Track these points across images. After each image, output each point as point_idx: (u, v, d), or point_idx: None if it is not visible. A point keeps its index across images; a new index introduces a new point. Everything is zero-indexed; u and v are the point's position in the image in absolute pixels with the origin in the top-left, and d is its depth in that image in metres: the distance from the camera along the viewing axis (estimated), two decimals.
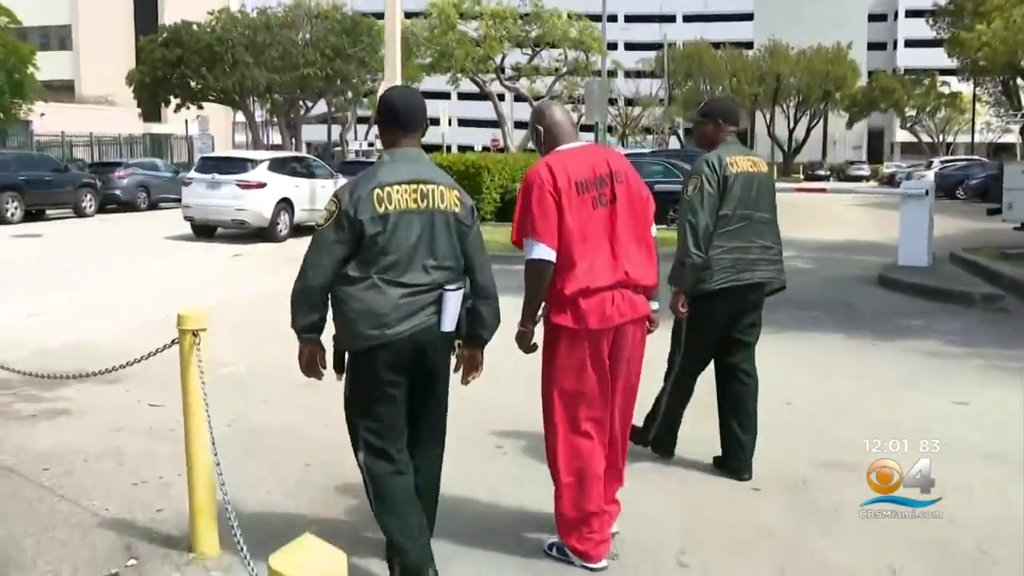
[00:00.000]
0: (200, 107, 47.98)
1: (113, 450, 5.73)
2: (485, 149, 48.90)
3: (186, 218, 20.07)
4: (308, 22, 47.24)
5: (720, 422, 5.38)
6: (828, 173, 73.03)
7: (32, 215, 25.13)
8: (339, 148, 52.97)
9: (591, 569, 4.12)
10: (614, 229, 4.08)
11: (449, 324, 3.78)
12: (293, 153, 31.10)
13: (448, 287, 3.75)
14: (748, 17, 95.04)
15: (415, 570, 3.76)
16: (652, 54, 74.68)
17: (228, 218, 19.56)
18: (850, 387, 7.32)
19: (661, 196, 19.85)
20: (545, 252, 3.96)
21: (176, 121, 51.06)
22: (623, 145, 60.58)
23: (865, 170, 71.40)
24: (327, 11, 47.24)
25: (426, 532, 3.87)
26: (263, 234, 19.52)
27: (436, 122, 38.38)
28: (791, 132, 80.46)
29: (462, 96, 59.23)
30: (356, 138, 56.67)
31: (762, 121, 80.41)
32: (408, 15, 39.10)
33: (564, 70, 41.88)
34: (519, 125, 51.11)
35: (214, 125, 55.80)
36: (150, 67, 45.27)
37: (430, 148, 31.39)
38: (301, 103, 50.65)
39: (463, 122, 72.15)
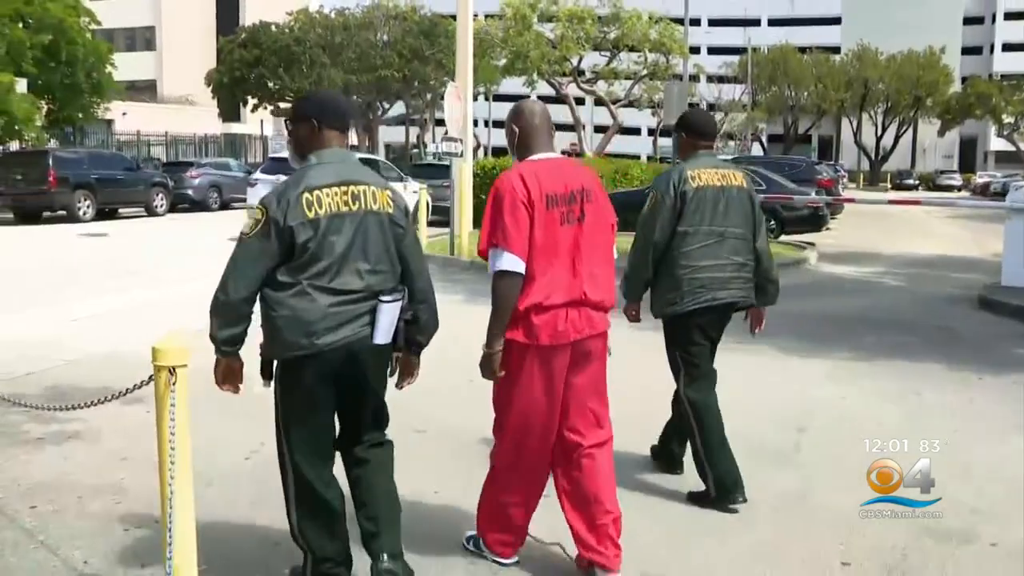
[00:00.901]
0: (277, 107, 48.13)
1: (114, 485, 5.18)
2: (564, 153, 48.01)
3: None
4: (386, 23, 47.00)
5: (664, 433, 5.53)
6: (917, 182, 70.98)
7: (104, 214, 25.22)
8: (417, 150, 52.79)
9: (502, 564, 4.20)
10: (579, 248, 3.98)
11: (382, 337, 3.69)
12: (368, 156, 30.79)
13: (383, 298, 3.66)
14: (836, 21, 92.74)
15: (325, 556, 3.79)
16: (735, 58, 73.29)
17: None
18: (952, 429, 6.31)
19: None
20: (515, 263, 3.85)
21: (254, 121, 51.34)
22: None
23: (957, 180, 69.27)
24: (405, 12, 46.95)
25: (348, 543, 3.87)
26: None
27: None
28: (879, 140, 78.39)
29: (540, 99, 58.37)
30: (434, 141, 56.21)
31: (848, 128, 78.44)
32: (485, 16, 38.58)
33: (643, 73, 40.85)
34: (598, 130, 50.38)
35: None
36: (228, 67, 45.54)
37: (505, 151, 30.82)
38: (378, 104, 50.46)
39: None
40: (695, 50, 53.51)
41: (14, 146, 30.04)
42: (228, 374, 3.70)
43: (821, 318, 10.74)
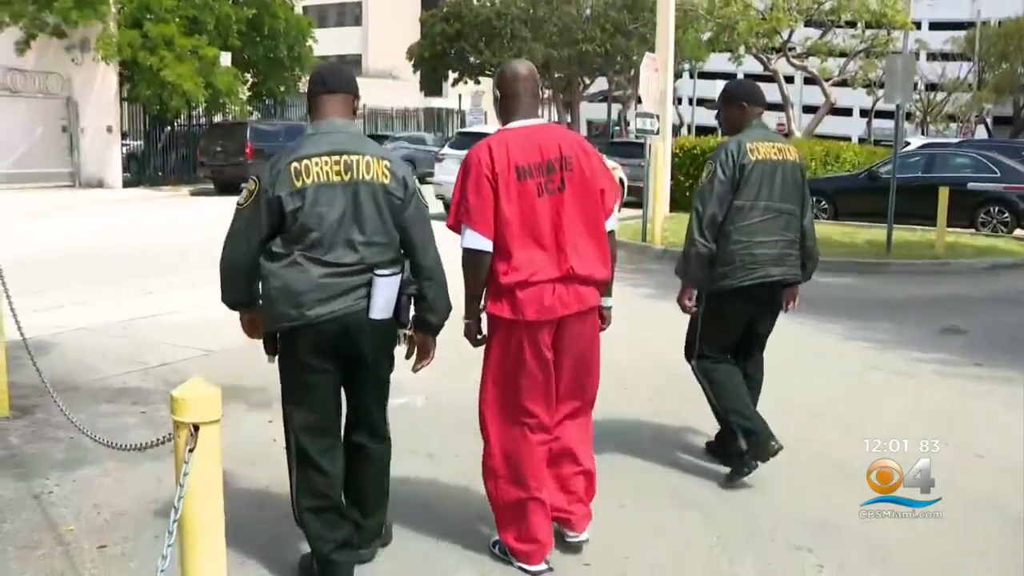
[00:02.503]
0: (477, 82, 47.90)
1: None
2: None
3: (437, 196, 18.80)
4: None
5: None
6: None
7: None
8: (618, 127, 51.80)
9: (527, 571, 3.96)
10: (560, 219, 3.84)
11: (379, 312, 3.60)
12: None
13: (379, 271, 3.58)
14: None
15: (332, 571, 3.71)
16: (961, 33, 68.16)
17: None
18: None
19: (973, 196, 16.95)
20: (478, 240, 3.77)
21: (455, 96, 51.26)
22: (922, 133, 55.34)
23: None
24: None
25: (351, 534, 3.80)
26: None
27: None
28: None
29: (746, 77, 56.34)
30: (637, 118, 54.81)
31: None
32: None
33: (860, 48, 38.02)
34: (806, 109, 47.74)
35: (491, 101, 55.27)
36: (430, 42, 45.55)
37: (710, 130, 29.22)
38: (579, 80, 49.50)
39: None
40: (916, 25, 49.74)
41: (218, 119, 30.68)
42: (250, 326, 3.81)
43: None
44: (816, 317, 9.61)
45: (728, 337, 5.11)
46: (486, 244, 3.76)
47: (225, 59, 26.91)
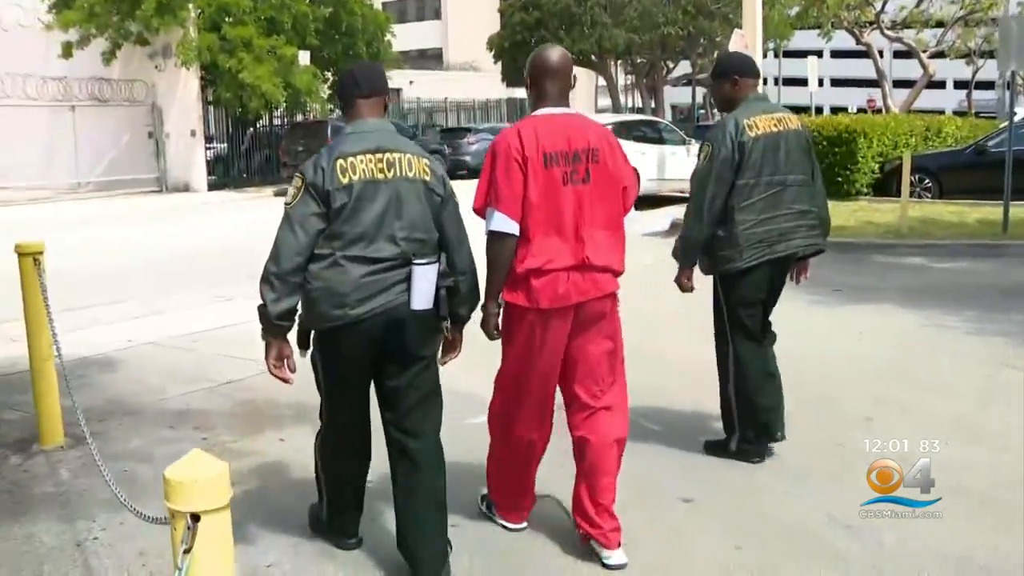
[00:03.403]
0: None
1: None
2: (861, 111, 43.99)
3: None
4: None
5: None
6: None
7: None
8: (703, 111, 50.80)
9: (508, 528, 4.19)
10: (581, 210, 3.81)
11: (420, 302, 3.62)
12: (642, 117, 29.13)
13: (416, 260, 3.59)
14: None
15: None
16: None
17: None
18: None
19: None
20: (506, 223, 3.76)
21: None
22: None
23: None
24: None
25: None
26: None
27: (804, 82, 34.90)
28: None
29: (835, 54, 54.70)
30: None
31: None
32: None
33: (959, 15, 36.10)
34: (899, 84, 45.84)
35: (577, 89, 53.46)
36: (510, 32, 44.87)
37: (798, 109, 28.20)
38: (662, 64, 48.48)
39: (835, 82, 67.05)
40: None
41: (299, 118, 30.58)
42: (278, 360, 3.69)
43: None
44: (930, 307, 8.83)
45: (751, 316, 4.95)
46: (514, 227, 3.76)
47: (304, 58, 26.66)
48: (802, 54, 39.51)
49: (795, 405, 5.53)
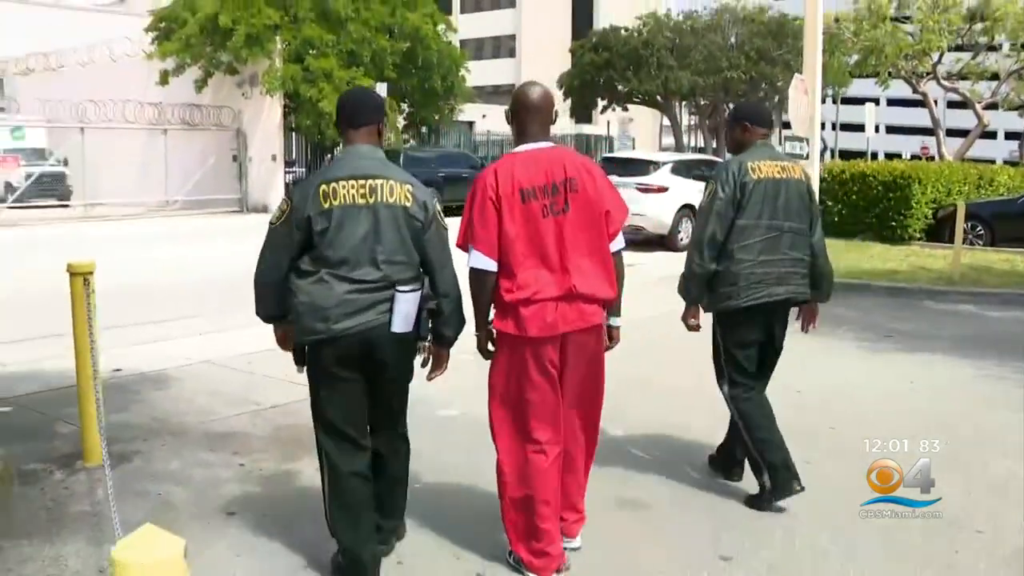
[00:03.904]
0: (625, 109, 46.96)
1: None
2: (915, 157, 42.82)
3: None
4: (733, 25, 44.31)
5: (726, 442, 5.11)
6: None
7: (451, 211, 24.79)
8: None
9: None
10: (564, 240, 3.79)
11: (400, 325, 3.65)
12: (699, 156, 28.68)
13: (400, 288, 3.63)
14: None
15: (360, 570, 3.72)
16: None
17: (625, 224, 17.39)
18: None
19: None
20: (482, 261, 3.77)
21: (604, 122, 50.43)
22: None
23: None
24: (753, 14, 43.97)
25: (374, 537, 3.85)
26: (662, 242, 17.43)
27: (860, 128, 34.15)
28: None
29: (891, 102, 53.81)
30: (780, 143, 53.17)
31: None
32: (835, 19, 34.66)
33: (1014, 68, 35.00)
34: (952, 133, 44.66)
35: (641, 128, 55.03)
36: (579, 70, 44.85)
37: (853, 154, 27.48)
38: (724, 106, 47.93)
39: (890, 128, 65.88)
40: None
41: None
42: (283, 341, 3.91)
43: None
44: (983, 357, 8.26)
45: (746, 356, 4.81)
46: (490, 264, 3.77)
47: (381, 89, 26.55)
48: (859, 101, 38.79)
49: (840, 455, 5.11)
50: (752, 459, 4.80)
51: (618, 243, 4.00)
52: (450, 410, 6.28)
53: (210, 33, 25.00)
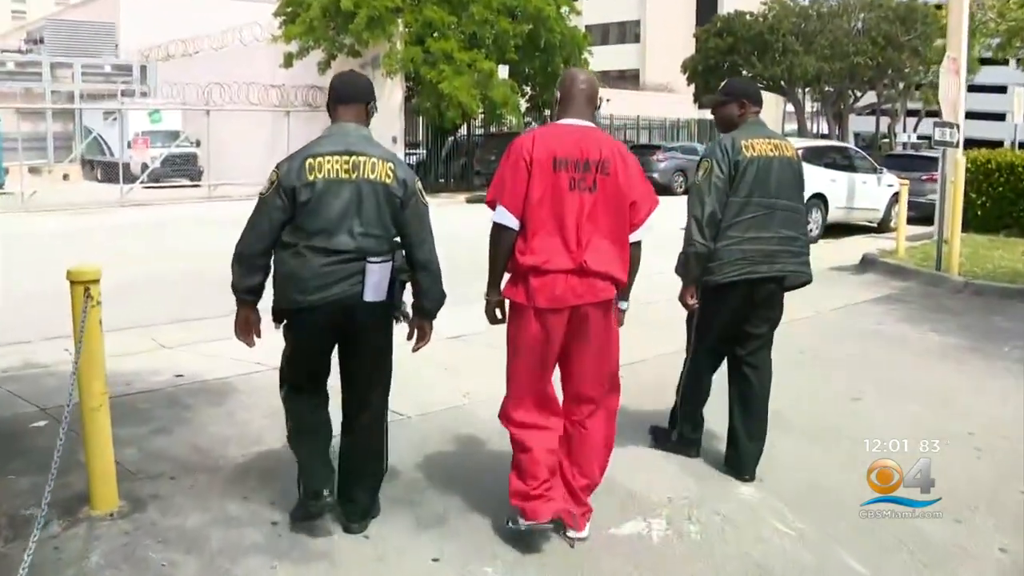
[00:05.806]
0: None
1: None
2: None
3: None
4: (860, 9, 41.47)
5: (729, 416, 4.78)
6: None
7: None
8: (887, 140, 47.22)
9: (532, 527, 3.74)
10: (584, 216, 3.68)
11: (372, 294, 3.67)
12: (833, 143, 26.50)
13: (371, 259, 3.64)
14: None
15: (315, 490, 3.78)
16: None
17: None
18: None
19: None
20: (506, 217, 3.70)
21: None
22: None
23: None
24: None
25: (330, 462, 3.90)
26: None
27: (987, 116, 31.23)
28: None
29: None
30: (904, 131, 50.07)
31: None
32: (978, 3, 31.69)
33: None
34: None
35: (765, 114, 51.34)
36: (703, 55, 42.92)
37: (987, 143, 24.95)
38: (849, 93, 45.12)
39: None
40: None
41: (494, 129, 29.52)
42: (244, 325, 3.84)
43: None
44: None
45: (714, 333, 4.67)
46: (512, 221, 3.69)
47: (503, 71, 25.36)
48: (991, 89, 35.69)
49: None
50: (675, 414, 4.95)
51: (638, 234, 3.86)
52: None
53: (332, 16, 24.13)
